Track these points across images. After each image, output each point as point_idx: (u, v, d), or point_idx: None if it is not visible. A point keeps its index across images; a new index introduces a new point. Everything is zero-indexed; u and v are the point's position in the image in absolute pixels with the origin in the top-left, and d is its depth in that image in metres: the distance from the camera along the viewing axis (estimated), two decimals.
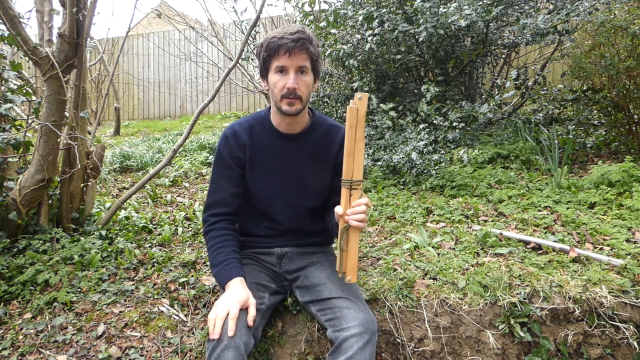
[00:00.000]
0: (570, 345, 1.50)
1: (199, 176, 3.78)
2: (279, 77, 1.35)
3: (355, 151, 1.26)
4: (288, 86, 1.33)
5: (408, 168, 3.12)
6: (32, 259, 1.93)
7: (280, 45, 1.30)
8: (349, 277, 1.31)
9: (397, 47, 3.81)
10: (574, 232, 2.03)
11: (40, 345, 1.53)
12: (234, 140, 1.47)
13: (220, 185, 1.50)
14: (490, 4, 3.21)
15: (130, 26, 3.31)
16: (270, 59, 1.35)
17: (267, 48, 1.34)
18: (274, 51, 1.32)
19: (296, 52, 1.31)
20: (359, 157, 1.27)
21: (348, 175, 1.27)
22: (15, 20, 1.91)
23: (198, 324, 1.65)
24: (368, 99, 3.53)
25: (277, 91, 1.36)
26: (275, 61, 1.34)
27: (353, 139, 1.25)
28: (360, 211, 1.25)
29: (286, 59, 1.32)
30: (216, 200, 1.50)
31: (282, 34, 1.31)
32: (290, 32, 1.31)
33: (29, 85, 2.56)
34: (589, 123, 3.71)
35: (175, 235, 2.43)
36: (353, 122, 1.25)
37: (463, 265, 1.80)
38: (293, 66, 1.33)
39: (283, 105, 1.37)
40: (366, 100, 1.26)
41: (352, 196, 1.28)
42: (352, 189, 1.27)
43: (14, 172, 2.26)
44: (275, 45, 1.31)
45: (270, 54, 1.34)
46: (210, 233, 1.47)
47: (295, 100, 1.35)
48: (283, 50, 1.31)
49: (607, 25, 2.90)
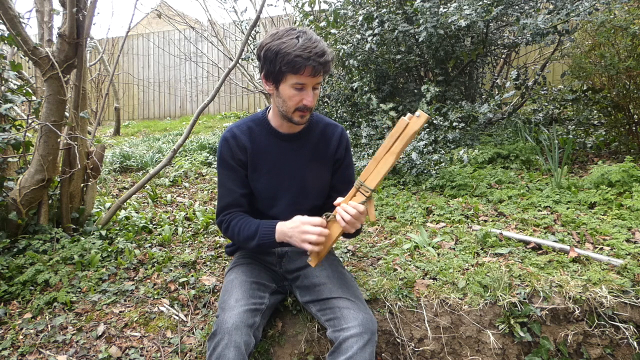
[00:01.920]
0: (570, 345, 1.50)
1: (199, 176, 3.78)
2: (296, 92, 1.32)
3: (382, 161, 1.23)
4: (305, 103, 1.33)
5: (408, 168, 3.12)
6: (32, 259, 1.93)
7: (307, 65, 1.26)
8: (310, 259, 1.32)
9: (397, 47, 3.81)
10: (574, 232, 2.03)
11: (40, 345, 1.53)
12: (234, 143, 1.47)
13: (230, 188, 1.49)
14: (490, 4, 3.21)
15: (130, 26, 3.31)
16: (289, 73, 1.29)
17: (290, 64, 1.26)
18: (298, 69, 1.27)
19: (320, 73, 1.30)
20: (382, 169, 1.23)
21: (363, 177, 1.26)
22: (15, 20, 1.91)
23: (198, 324, 1.65)
24: (368, 99, 3.55)
25: (292, 104, 1.35)
26: (295, 78, 1.29)
27: (387, 148, 1.22)
28: (351, 212, 1.23)
29: (308, 78, 1.30)
30: (229, 203, 1.49)
31: (308, 54, 1.25)
32: (317, 54, 1.26)
33: (29, 85, 2.56)
34: (589, 123, 3.71)
35: (175, 235, 2.43)
36: (396, 134, 1.21)
37: (463, 265, 1.80)
38: (312, 84, 1.32)
39: (295, 117, 1.37)
40: (423, 121, 1.18)
41: (355, 197, 1.27)
42: (359, 191, 1.26)
43: (14, 172, 2.26)
44: (300, 65, 1.26)
45: (290, 69, 1.28)
46: (230, 224, 1.46)
47: (307, 113, 1.37)
48: (309, 70, 1.27)
49: (607, 25, 2.90)
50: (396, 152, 1.21)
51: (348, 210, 1.23)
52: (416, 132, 1.19)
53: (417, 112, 1.18)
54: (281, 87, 1.34)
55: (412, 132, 1.18)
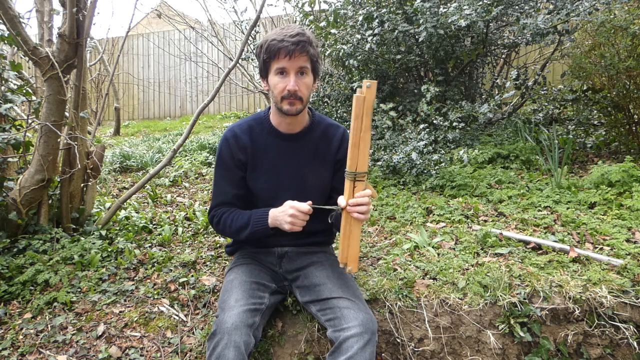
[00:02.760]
0: (570, 345, 1.50)
1: (199, 176, 3.78)
2: (279, 78, 1.35)
3: (361, 142, 1.22)
4: (289, 88, 1.34)
5: (408, 168, 3.12)
6: (32, 259, 1.93)
7: (281, 47, 1.30)
8: (350, 267, 1.29)
9: (397, 47, 3.81)
10: (574, 232, 2.03)
11: (40, 345, 1.53)
12: (234, 142, 1.48)
13: (223, 187, 1.51)
14: (490, 4, 3.21)
15: (130, 26, 3.31)
16: (271, 61, 1.35)
17: (267, 50, 1.33)
18: (274, 53, 1.32)
19: (296, 54, 1.31)
20: (365, 149, 1.22)
21: (352, 167, 1.24)
22: (15, 20, 1.91)
23: (198, 324, 1.65)
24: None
25: (278, 92, 1.36)
26: (275, 63, 1.34)
27: (359, 129, 1.21)
28: (363, 202, 1.23)
29: (286, 61, 1.32)
30: (220, 202, 1.52)
31: (282, 36, 1.31)
32: (290, 35, 1.31)
33: (29, 85, 2.55)
34: (589, 123, 3.71)
35: (175, 235, 2.43)
36: (359, 112, 1.20)
37: (463, 265, 1.80)
38: (293, 68, 1.33)
39: (284, 106, 1.38)
40: (374, 88, 1.20)
41: (355, 188, 1.25)
42: (357, 180, 1.24)
43: (14, 172, 2.26)
44: (275, 48, 1.31)
45: (270, 56, 1.33)
46: (222, 217, 1.49)
47: (296, 101, 1.36)
48: (283, 52, 1.31)
49: (607, 25, 2.90)
50: (369, 128, 1.23)
51: (361, 203, 1.24)
52: (373, 100, 1.22)
53: (366, 82, 1.20)
54: (269, 77, 1.39)
55: (371, 102, 1.21)
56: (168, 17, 6.20)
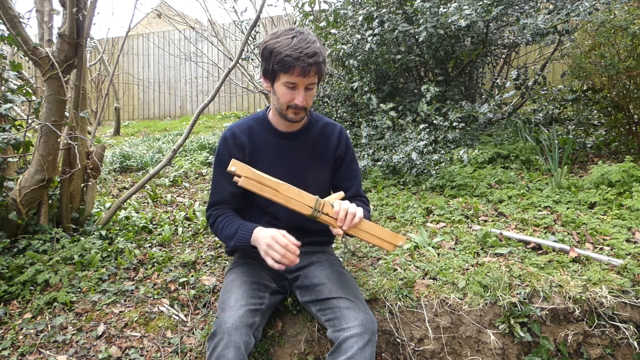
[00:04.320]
0: (570, 345, 1.50)
1: (199, 176, 3.78)
2: (288, 90, 1.35)
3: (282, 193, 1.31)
4: (297, 103, 1.35)
5: (408, 168, 3.12)
6: (32, 259, 1.93)
7: (296, 65, 1.28)
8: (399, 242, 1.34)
9: (397, 47, 3.81)
10: (574, 232, 2.03)
11: (40, 345, 1.53)
12: (232, 142, 1.49)
13: (220, 186, 1.52)
14: (490, 4, 3.21)
15: (130, 26, 3.31)
16: (281, 72, 1.32)
17: (280, 62, 1.29)
18: (287, 68, 1.30)
19: (311, 74, 1.31)
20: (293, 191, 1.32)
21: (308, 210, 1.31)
22: (15, 20, 1.91)
23: (198, 324, 1.65)
24: (368, 99, 3.55)
25: (284, 102, 1.38)
26: (286, 77, 1.32)
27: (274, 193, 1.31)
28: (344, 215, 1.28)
29: (299, 78, 1.32)
30: (218, 200, 1.53)
31: (298, 53, 1.27)
32: (307, 54, 1.28)
33: (29, 85, 2.56)
34: (589, 123, 3.71)
35: (175, 235, 2.43)
36: (257, 189, 1.30)
37: (463, 265, 1.80)
38: (304, 84, 1.34)
39: (289, 114, 1.40)
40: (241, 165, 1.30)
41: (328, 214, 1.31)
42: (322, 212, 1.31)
43: (14, 172, 2.26)
44: (290, 65, 1.28)
45: (282, 68, 1.31)
46: (216, 220, 1.49)
47: (301, 111, 1.39)
48: (298, 70, 1.29)
49: (607, 25, 2.90)
50: (275, 182, 1.31)
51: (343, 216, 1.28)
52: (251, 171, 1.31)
53: (231, 167, 1.29)
54: (276, 84, 1.38)
55: (251, 174, 1.30)
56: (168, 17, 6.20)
